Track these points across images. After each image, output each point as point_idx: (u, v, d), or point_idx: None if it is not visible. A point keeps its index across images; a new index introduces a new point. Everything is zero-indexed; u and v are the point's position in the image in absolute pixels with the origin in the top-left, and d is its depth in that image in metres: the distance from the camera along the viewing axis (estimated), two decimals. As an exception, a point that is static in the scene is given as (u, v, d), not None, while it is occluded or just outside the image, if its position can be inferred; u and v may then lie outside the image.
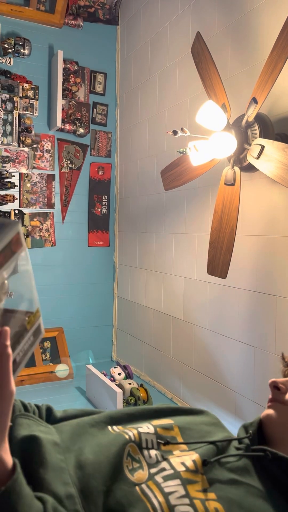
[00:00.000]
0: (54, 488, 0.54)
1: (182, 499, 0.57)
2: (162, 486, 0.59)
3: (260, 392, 2.07)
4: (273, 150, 1.63)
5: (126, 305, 3.49)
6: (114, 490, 0.58)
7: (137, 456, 0.64)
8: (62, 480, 0.56)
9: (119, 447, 0.64)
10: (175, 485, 0.59)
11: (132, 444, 0.65)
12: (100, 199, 3.59)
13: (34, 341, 0.53)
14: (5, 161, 3.11)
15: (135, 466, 0.63)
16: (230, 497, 0.59)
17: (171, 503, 0.56)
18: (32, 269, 0.52)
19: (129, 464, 0.63)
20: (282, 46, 1.55)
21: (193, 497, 0.57)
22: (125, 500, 0.57)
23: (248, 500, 0.60)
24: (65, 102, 3.37)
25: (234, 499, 0.59)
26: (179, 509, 0.55)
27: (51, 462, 0.58)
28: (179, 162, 2.16)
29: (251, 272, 2.12)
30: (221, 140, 1.78)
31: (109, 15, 3.52)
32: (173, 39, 2.81)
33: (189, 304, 2.65)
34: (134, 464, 0.63)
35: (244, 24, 2.16)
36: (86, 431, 0.67)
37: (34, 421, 0.66)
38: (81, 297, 3.53)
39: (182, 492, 0.58)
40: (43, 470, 0.56)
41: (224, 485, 0.61)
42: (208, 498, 0.58)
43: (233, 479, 0.63)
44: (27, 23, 3.22)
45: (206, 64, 1.93)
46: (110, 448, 0.64)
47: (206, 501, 0.58)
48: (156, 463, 0.64)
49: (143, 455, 0.65)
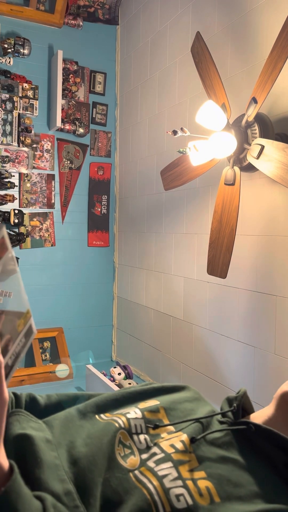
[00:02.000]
0: (51, 486, 0.55)
1: (175, 481, 0.58)
2: (155, 470, 0.60)
3: (260, 392, 2.07)
4: (273, 150, 1.63)
5: (126, 305, 3.49)
6: (109, 478, 0.59)
7: (128, 442, 0.65)
8: (58, 478, 0.56)
9: (110, 436, 0.64)
10: (168, 467, 0.60)
11: (122, 431, 0.66)
12: (100, 199, 3.59)
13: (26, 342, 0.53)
14: (5, 161, 3.11)
15: (126, 453, 0.64)
16: (219, 473, 0.61)
17: (165, 486, 0.57)
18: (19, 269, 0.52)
19: (121, 451, 0.64)
20: (282, 46, 1.55)
21: (185, 478, 0.59)
22: (121, 488, 0.58)
23: (236, 474, 0.61)
24: (64, 102, 3.36)
25: (223, 475, 0.61)
26: (174, 492, 0.57)
27: (45, 461, 0.58)
28: (179, 162, 2.15)
29: (251, 272, 2.12)
30: (221, 140, 1.78)
31: (109, 15, 3.51)
32: (173, 39, 2.81)
33: (189, 304, 2.65)
34: (125, 451, 0.64)
35: (244, 23, 2.16)
36: (75, 424, 0.68)
37: (25, 417, 0.67)
38: (81, 297, 3.53)
39: (175, 475, 0.59)
40: (39, 469, 0.56)
41: (212, 462, 0.63)
42: (199, 477, 0.60)
43: (220, 455, 0.64)
44: (27, 23, 3.22)
45: (206, 64, 1.93)
46: (102, 438, 0.64)
47: (198, 480, 0.59)
48: (147, 448, 0.65)
49: (133, 440, 0.66)
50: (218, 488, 0.58)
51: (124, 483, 0.58)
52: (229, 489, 0.59)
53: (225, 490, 0.58)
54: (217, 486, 0.59)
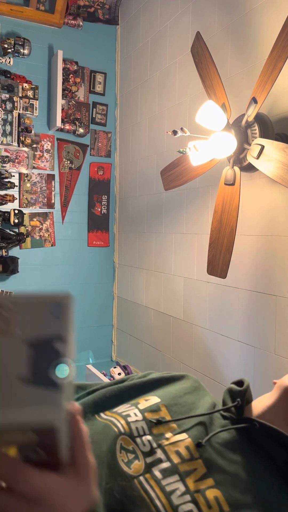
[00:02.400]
0: None
1: (183, 497, 0.57)
2: (162, 484, 0.59)
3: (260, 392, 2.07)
4: (273, 150, 1.63)
5: (126, 305, 3.49)
6: (113, 487, 0.58)
7: (131, 446, 0.64)
8: None
9: (110, 443, 0.63)
10: (175, 481, 0.59)
11: (123, 437, 0.65)
12: (100, 199, 3.59)
13: None
14: (5, 161, 3.11)
15: (130, 458, 0.62)
16: (226, 478, 0.60)
17: (174, 503, 0.56)
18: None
19: (124, 457, 0.62)
20: (282, 46, 1.55)
21: (193, 491, 0.58)
22: (125, 498, 0.57)
23: (242, 479, 0.61)
24: (64, 102, 3.36)
25: (230, 480, 0.60)
26: (182, 509, 0.56)
27: None
28: (179, 162, 2.15)
29: (251, 272, 2.12)
30: (221, 140, 1.78)
31: (109, 15, 3.51)
32: (173, 39, 2.81)
33: (189, 304, 2.65)
34: (129, 456, 0.63)
35: (244, 23, 2.16)
36: None
37: None
38: (81, 297, 3.53)
39: (183, 489, 0.58)
40: None
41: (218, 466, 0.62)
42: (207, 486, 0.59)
43: (226, 457, 0.64)
44: (26, 23, 3.22)
45: (206, 64, 1.93)
46: (101, 445, 0.63)
47: (206, 490, 0.58)
48: (151, 451, 0.64)
49: (137, 443, 0.64)
50: (227, 495, 0.58)
51: (128, 492, 0.57)
52: (237, 495, 0.59)
53: (233, 497, 0.58)
54: (225, 494, 0.58)
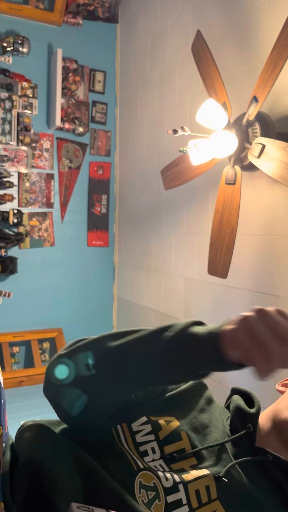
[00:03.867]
0: None
1: None
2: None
3: (260, 393, 2.05)
4: (274, 149, 1.62)
5: (126, 305, 3.48)
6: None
7: (152, 481, 0.60)
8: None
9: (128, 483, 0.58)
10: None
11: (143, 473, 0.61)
12: (99, 198, 3.57)
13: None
14: (4, 160, 3.10)
15: (150, 497, 0.59)
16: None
17: None
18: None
19: (144, 497, 0.58)
20: (283, 44, 1.54)
21: None
22: None
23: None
24: (64, 100, 3.35)
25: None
26: None
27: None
28: (179, 161, 2.14)
29: (252, 272, 2.11)
30: (221, 139, 1.76)
31: (109, 13, 3.50)
32: (173, 38, 2.79)
33: (189, 304, 2.64)
34: (149, 495, 0.59)
35: (244, 22, 2.14)
36: None
37: None
38: (81, 298, 3.51)
39: None
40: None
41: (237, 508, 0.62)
42: None
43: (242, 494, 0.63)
44: (26, 21, 3.20)
45: (206, 62, 1.91)
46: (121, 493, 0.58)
47: None
48: (173, 486, 0.60)
49: (159, 477, 0.61)
50: None
51: None
52: None
53: None
54: None
